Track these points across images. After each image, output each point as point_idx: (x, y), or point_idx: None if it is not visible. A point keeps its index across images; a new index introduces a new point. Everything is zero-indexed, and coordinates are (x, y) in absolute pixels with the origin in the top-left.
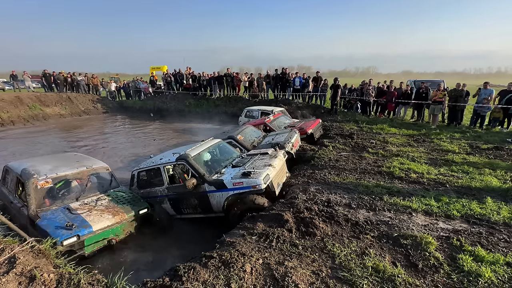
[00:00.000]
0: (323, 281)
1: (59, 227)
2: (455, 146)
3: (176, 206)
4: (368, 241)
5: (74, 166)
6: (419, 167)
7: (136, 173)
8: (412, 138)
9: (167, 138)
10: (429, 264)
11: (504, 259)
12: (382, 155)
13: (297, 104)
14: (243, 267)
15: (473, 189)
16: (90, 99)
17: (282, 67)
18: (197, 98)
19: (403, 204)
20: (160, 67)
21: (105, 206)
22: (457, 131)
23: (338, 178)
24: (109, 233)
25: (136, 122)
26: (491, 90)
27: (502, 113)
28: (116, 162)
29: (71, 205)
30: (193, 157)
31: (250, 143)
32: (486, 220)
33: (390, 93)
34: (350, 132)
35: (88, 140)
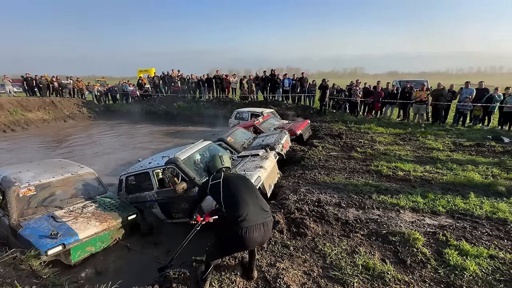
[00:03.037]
0: (315, 281)
1: (43, 236)
2: (439, 144)
3: (166, 211)
4: (358, 240)
5: (59, 173)
6: (405, 165)
7: (124, 178)
8: (398, 137)
9: (156, 142)
10: (417, 259)
11: (487, 252)
12: (370, 154)
13: (287, 105)
14: (235, 270)
15: (457, 185)
16: (75, 103)
17: (271, 69)
18: (186, 101)
19: (391, 202)
20: (148, 69)
21: (92, 213)
22: (441, 129)
23: (328, 177)
24: (97, 241)
25: (123, 126)
26: (471, 89)
27: (482, 111)
28: (103, 167)
29: (56, 213)
30: (182, 160)
31: (241, 145)
32: (469, 215)
33: (377, 93)
34: (339, 132)
35: (73, 145)
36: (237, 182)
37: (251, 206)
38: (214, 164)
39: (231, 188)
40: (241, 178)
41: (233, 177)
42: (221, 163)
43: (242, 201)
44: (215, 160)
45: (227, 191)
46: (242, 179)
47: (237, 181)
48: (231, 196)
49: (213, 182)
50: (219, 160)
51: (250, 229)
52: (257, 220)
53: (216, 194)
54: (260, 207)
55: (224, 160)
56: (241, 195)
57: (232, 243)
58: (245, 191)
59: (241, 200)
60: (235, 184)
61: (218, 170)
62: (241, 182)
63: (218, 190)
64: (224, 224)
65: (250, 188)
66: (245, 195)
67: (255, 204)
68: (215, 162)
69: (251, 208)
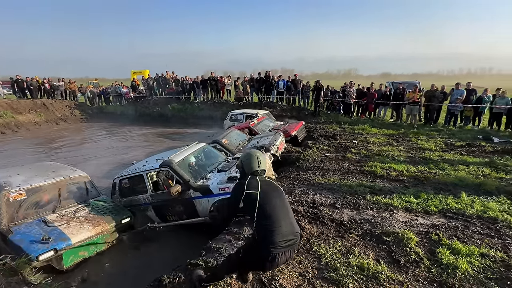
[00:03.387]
0: (310, 282)
1: (34, 242)
2: (431, 144)
3: (161, 214)
4: (353, 240)
5: (51, 176)
6: (399, 165)
7: (117, 181)
8: (392, 137)
9: (150, 144)
10: (411, 259)
11: (478, 251)
12: (364, 155)
13: (281, 107)
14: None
15: (449, 185)
16: (67, 105)
17: (266, 70)
18: (181, 103)
19: (385, 202)
20: (142, 71)
21: (85, 216)
22: (433, 130)
23: (323, 178)
24: (90, 245)
25: (117, 128)
26: (462, 91)
27: (473, 112)
28: (96, 170)
29: (48, 217)
30: (177, 163)
31: (236, 147)
32: (461, 214)
33: (370, 94)
34: (333, 133)
35: (66, 148)
36: (274, 199)
37: (285, 231)
38: (251, 165)
39: (268, 206)
40: (277, 191)
41: (270, 190)
42: (258, 165)
43: (277, 227)
44: (253, 160)
45: (263, 209)
46: (278, 193)
47: (274, 197)
48: (267, 217)
49: (249, 192)
50: (256, 161)
51: (278, 255)
52: (287, 245)
53: (250, 206)
54: (292, 230)
55: (261, 161)
56: (277, 219)
57: (256, 264)
58: (281, 211)
59: (277, 226)
60: (272, 201)
61: (253, 172)
62: (278, 198)
63: (253, 204)
64: (253, 243)
65: (285, 206)
66: (281, 218)
67: (288, 227)
68: (252, 162)
69: (284, 233)
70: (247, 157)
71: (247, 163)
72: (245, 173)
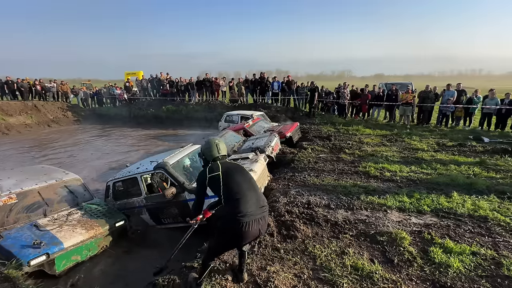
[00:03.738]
0: (305, 283)
1: (25, 246)
2: (424, 145)
3: (155, 216)
4: (347, 240)
5: (42, 180)
6: (392, 165)
7: (111, 184)
8: (385, 138)
9: (144, 146)
10: (404, 258)
11: (470, 249)
12: (358, 156)
13: (276, 108)
14: (225, 275)
15: (441, 184)
16: (60, 107)
17: (261, 72)
18: (175, 104)
19: (379, 202)
20: (136, 72)
21: (78, 220)
22: (426, 130)
23: (317, 179)
24: (83, 249)
25: (110, 130)
26: (453, 92)
27: (463, 112)
28: (89, 173)
29: (39, 221)
30: (171, 165)
31: (231, 148)
32: (453, 213)
33: (364, 95)
34: (328, 134)
35: (58, 150)
36: (237, 175)
37: (250, 201)
38: (211, 152)
39: (231, 182)
40: (239, 169)
41: (232, 169)
42: (217, 151)
43: (242, 197)
44: (212, 148)
45: (227, 185)
46: (240, 171)
47: (236, 174)
48: (232, 191)
49: (211, 175)
50: (215, 148)
51: (249, 224)
52: (256, 214)
53: (215, 186)
54: (258, 200)
55: (220, 147)
56: (241, 190)
57: (231, 238)
58: (245, 185)
59: (242, 195)
60: (235, 177)
61: (214, 158)
62: (240, 174)
63: (218, 183)
64: (223, 218)
65: (249, 181)
66: (245, 190)
67: (254, 198)
68: (212, 150)
69: (251, 203)
70: (207, 145)
71: (208, 151)
72: (207, 160)
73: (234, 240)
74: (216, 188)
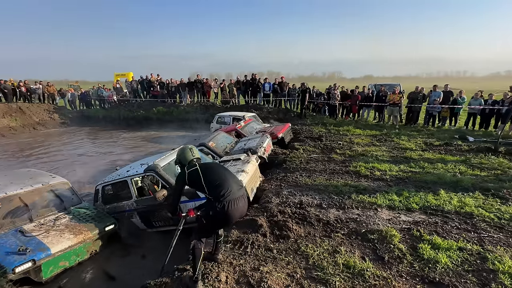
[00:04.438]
0: (298, 283)
1: (10, 253)
2: (412, 144)
3: (147, 220)
4: (339, 239)
5: (28, 184)
6: (382, 165)
7: (100, 188)
8: (375, 138)
9: (135, 148)
10: (394, 255)
11: (456, 245)
12: (349, 155)
13: (268, 109)
14: (218, 276)
15: (428, 183)
16: (46, 109)
17: (252, 73)
18: (166, 106)
19: (369, 201)
20: (126, 73)
21: (66, 225)
22: (414, 130)
23: (309, 179)
24: (71, 255)
25: (99, 133)
26: (439, 92)
27: (449, 112)
28: (78, 176)
29: (25, 227)
30: (162, 167)
31: (223, 150)
32: (440, 210)
33: (354, 96)
34: (319, 134)
35: (44, 154)
36: (213, 165)
37: (230, 182)
38: (185, 156)
39: (210, 171)
40: (215, 164)
41: (208, 164)
42: (191, 154)
43: (224, 180)
44: (186, 152)
45: (207, 174)
46: (215, 164)
47: (214, 166)
48: (213, 177)
49: (190, 170)
50: (189, 152)
51: (233, 202)
52: (237, 194)
53: (196, 180)
54: (236, 182)
55: (194, 151)
56: (221, 175)
57: (218, 218)
58: (222, 171)
59: (223, 178)
60: (212, 167)
61: (189, 161)
62: (218, 166)
63: (198, 176)
64: (208, 204)
65: (224, 169)
66: (223, 175)
67: (232, 180)
68: (185, 154)
69: (231, 185)
70: (181, 151)
71: (182, 156)
72: (183, 165)
73: (219, 221)
74: (197, 181)
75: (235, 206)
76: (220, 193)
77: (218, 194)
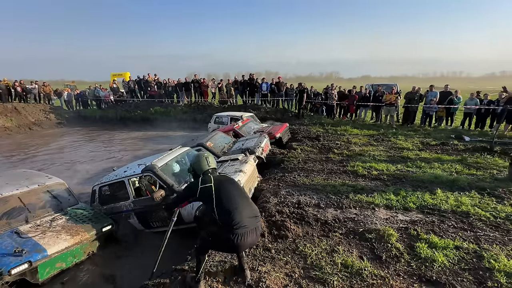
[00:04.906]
0: (296, 282)
1: (5, 255)
2: (409, 144)
3: (144, 220)
4: (337, 239)
5: (24, 184)
6: (379, 164)
7: (97, 188)
8: (372, 138)
9: (132, 149)
10: (392, 254)
11: (453, 243)
12: (346, 155)
13: (266, 109)
14: (217, 277)
15: (425, 182)
16: (42, 109)
17: (250, 73)
18: (164, 106)
19: (367, 200)
20: (122, 73)
21: (62, 226)
22: (410, 130)
23: (307, 179)
24: (68, 256)
25: (96, 133)
26: (435, 92)
27: (445, 112)
28: (74, 177)
29: (20, 228)
30: (160, 168)
31: (221, 150)
32: (437, 210)
33: (351, 96)
34: (317, 134)
35: (40, 154)
36: (228, 187)
37: (244, 212)
38: (200, 166)
39: (224, 194)
40: (230, 181)
41: (223, 182)
42: (207, 164)
43: (236, 209)
44: (201, 161)
45: (219, 198)
46: (232, 183)
47: (228, 186)
48: (225, 204)
49: (203, 186)
50: (205, 161)
51: (243, 235)
52: (250, 226)
53: (208, 199)
54: (251, 212)
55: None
56: (234, 202)
57: (225, 247)
58: (237, 198)
59: (235, 208)
60: (227, 189)
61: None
62: (232, 186)
63: (210, 196)
64: (217, 229)
65: (240, 193)
66: (238, 202)
67: (247, 209)
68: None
69: (244, 215)
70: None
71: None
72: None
73: (229, 250)
74: (208, 200)
75: (245, 239)
76: (231, 223)
77: (230, 223)
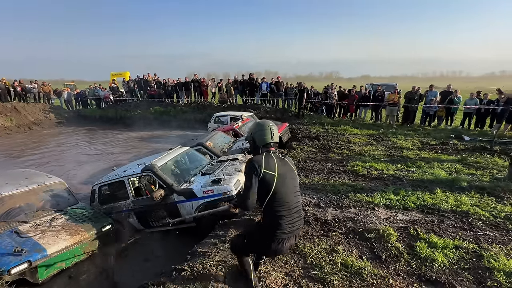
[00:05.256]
0: (296, 282)
1: (5, 254)
2: (409, 144)
3: (144, 220)
4: (337, 238)
5: (23, 184)
6: (379, 164)
7: (97, 188)
8: (372, 137)
9: (132, 148)
10: (391, 254)
11: (453, 243)
12: (346, 155)
13: (266, 109)
14: (217, 276)
15: (425, 182)
16: (41, 109)
17: (250, 73)
18: (163, 105)
19: (367, 200)
20: (122, 73)
21: (62, 225)
22: (410, 129)
23: (307, 179)
24: (67, 255)
25: (96, 132)
26: (435, 92)
27: (445, 112)
28: (74, 176)
29: (20, 227)
30: (160, 167)
31: (220, 149)
32: (437, 209)
33: (351, 96)
34: (317, 134)
35: (40, 154)
36: (289, 182)
37: (293, 216)
38: (263, 136)
39: (282, 192)
40: (292, 172)
41: (286, 171)
42: (271, 136)
43: (287, 214)
44: (265, 132)
45: (276, 195)
46: (293, 177)
47: (289, 181)
48: (279, 204)
49: (266, 171)
50: (270, 132)
51: (285, 240)
52: (294, 230)
53: (263, 189)
54: (299, 215)
55: (274, 133)
56: (287, 204)
57: (261, 249)
58: (293, 196)
59: (287, 211)
60: (287, 184)
61: (266, 144)
62: (292, 181)
63: (267, 187)
64: (261, 229)
65: (297, 190)
66: (291, 204)
67: (297, 214)
68: (264, 134)
69: (293, 219)
70: (259, 127)
71: (259, 134)
72: (256, 146)
73: (268, 253)
74: (263, 190)
75: (286, 244)
76: (278, 226)
77: (277, 226)
